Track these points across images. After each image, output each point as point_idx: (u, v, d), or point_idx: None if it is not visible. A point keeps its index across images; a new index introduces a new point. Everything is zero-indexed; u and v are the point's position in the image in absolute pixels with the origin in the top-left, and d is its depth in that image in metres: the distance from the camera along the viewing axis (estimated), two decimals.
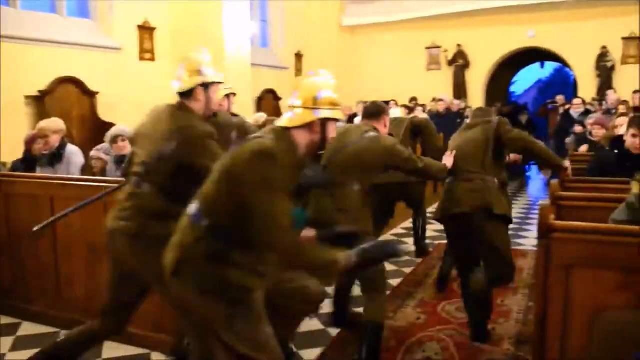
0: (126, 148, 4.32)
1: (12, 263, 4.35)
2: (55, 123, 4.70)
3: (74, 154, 4.69)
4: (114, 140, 4.31)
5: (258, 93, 11.09)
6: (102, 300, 3.81)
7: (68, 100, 6.93)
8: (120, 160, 4.33)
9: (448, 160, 3.63)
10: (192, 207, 2.21)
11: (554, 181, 3.35)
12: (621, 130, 4.43)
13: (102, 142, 6.33)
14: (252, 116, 6.46)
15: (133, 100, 8.05)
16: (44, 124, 4.70)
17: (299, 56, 12.95)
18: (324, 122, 2.21)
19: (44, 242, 4.12)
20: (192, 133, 2.57)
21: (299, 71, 12.80)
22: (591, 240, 2.14)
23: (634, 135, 3.77)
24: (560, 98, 11.22)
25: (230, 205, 2.10)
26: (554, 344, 2.22)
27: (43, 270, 4.19)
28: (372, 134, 3.33)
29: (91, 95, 7.31)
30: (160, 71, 8.91)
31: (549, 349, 2.23)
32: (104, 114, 7.44)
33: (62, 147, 4.69)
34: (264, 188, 2.01)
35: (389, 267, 5.66)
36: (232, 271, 2.12)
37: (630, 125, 3.87)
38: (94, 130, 6.86)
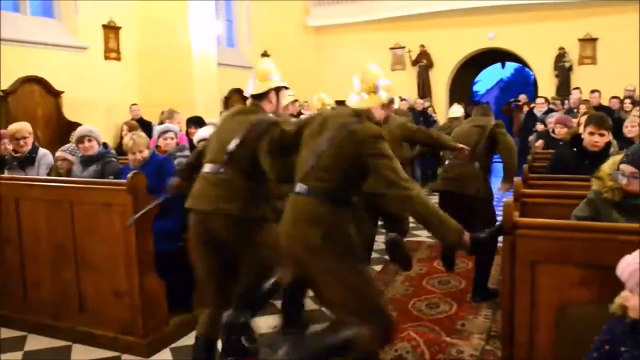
0: (93, 148, 4.26)
1: None
2: (28, 126, 4.64)
3: (45, 156, 4.62)
4: (80, 140, 4.24)
5: (225, 92, 11.05)
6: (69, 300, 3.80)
7: (32, 100, 6.78)
8: (87, 160, 4.27)
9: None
10: (301, 187, 2.57)
11: (517, 179, 3.45)
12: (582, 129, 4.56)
13: (68, 142, 6.22)
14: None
15: (99, 100, 7.93)
16: (19, 126, 4.62)
17: (265, 56, 12.94)
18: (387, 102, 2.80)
19: (9, 245, 4.05)
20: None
21: None
22: (554, 237, 2.23)
23: (590, 133, 3.81)
24: (522, 97, 11.49)
25: (351, 177, 2.58)
26: (521, 338, 2.30)
27: (8, 273, 4.11)
28: None
29: (56, 94, 7.17)
30: (125, 70, 8.81)
31: (517, 343, 2.31)
32: (69, 114, 7.31)
33: (34, 150, 4.61)
34: (386, 157, 2.47)
35: None
36: (352, 231, 2.53)
37: (587, 123, 3.91)
38: (59, 130, 6.75)
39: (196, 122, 5.93)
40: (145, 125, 7.55)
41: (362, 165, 2.52)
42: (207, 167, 3.07)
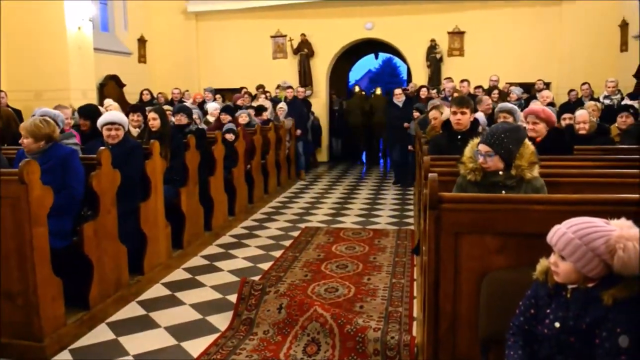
0: None
1: None
2: None
3: None
4: None
5: (100, 79, 10.41)
6: None
7: None
8: None
9: None
10: None
11: (426, 158, 3.63)
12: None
13: None
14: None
15: None
16: None
17: (142, 41, 12.36)
18: None
19: None
20: None
21: (142, 57, 12.23)
22: (476, 209, 2.36)
23: (454, 113, 4.32)
24: (412, 85, 12.01)
25: None
26: (446, 306, 2.41)
27: None
28: None
29: None
30: None
31: (442, 312, 2.42)
32: None
33: None
34: None
35: (257, 251, 5.71)
36: None
37: (450, 105, 4.46)
38: None
39: (87, 113, 5.50)
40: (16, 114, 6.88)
41: None
42: None
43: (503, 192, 2.80)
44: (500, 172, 2.87)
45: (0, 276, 3.32)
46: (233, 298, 4.18)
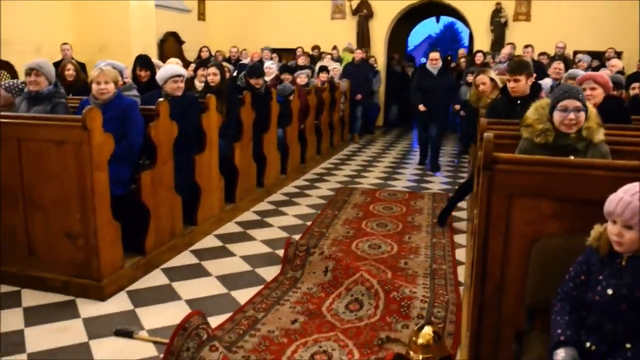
0: (40, 84, 3.97)
1: None
2: None
3: None
4: (28, 72, 3.95)
5: (160, 36, 10.57)
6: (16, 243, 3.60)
7: None
8: (34, 98, 3.98)
9: None
10: None
11: (483, 120, 3.56)
12: None
13: None
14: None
15: (26, 38, 7.41)
16: None
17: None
18: None
19: None
20: None
21: (201, 14, 12.33)
22: (531, 172, 2.30)
23: (508, 80, 4.34)
24: (462, 51, 11.71)
25: None
26: (494, 270, 2.38)
27: None
28: None
29: None
30: (57, 7, 8.23)
31: (489, 276, 2.40)
32: None
33: None
34: None
35: (307, 210, 5.77)
36: None
37: (507, 72, 4.43)
38: None
39: (147, 64, 5.64)
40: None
41: None
42: None
43: (572, 157, 2.71)
44: (572, 134, 2.77)
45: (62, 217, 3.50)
46: (281, 252, 4.28)
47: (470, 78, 8.16)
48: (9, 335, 3.12)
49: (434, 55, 7.79)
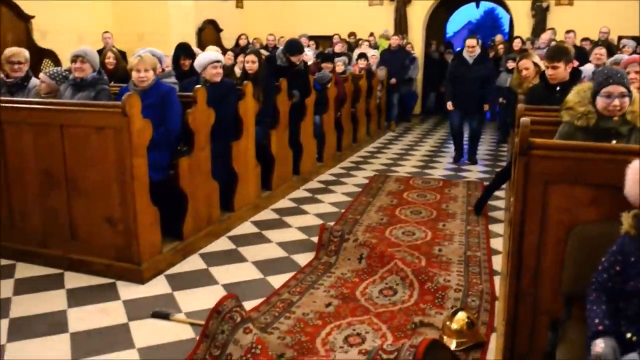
0: (85, 71, 4.07)
1: None
2: (25, 52, 4.42)
3: (36, 85, 4.39)
4: (73, 59, 4.06)
5: (199, 24, 10.67)
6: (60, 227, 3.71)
7: (2, 24, 6.41)
8: (78, 84, 4.09)
9: None
10: None
11: (520, 105, 3.50)
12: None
13: (39, 69, 5.97)
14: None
15: (69, 27, 7.57)
16: (16, 50, 4.39)
17: None
18: None
19: None
20: None
21: (239, 2, 12.38)
22: (568, 157, 2.25)
23: (546, 67, 4.26)
24: (499, 37, 11.46)
25: None
26: (530, 259, 2.35)
27: None
28: None
29: (26, 19, 6.79)
30: None
31: (525, 264, 2.36)
32: (39, 40, 6.96)
33: (27, 78, 4.39)
34: None
35: (343, 198, 5.78)
36: None
37: (545, 59, 4.39)
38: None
39: (187, 52, 5.74)
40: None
41: None
42: None
43: (614, 141, 2.64)
44: (615, 118, 2.70)
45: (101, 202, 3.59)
46: (316, 239, 4.30)
47: (510, 64, 8.01)
48: (53, 315, 3.24)
49: (471, 42, 7.18)
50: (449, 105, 7.39)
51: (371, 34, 11.78)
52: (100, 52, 6.33)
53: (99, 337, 3.01)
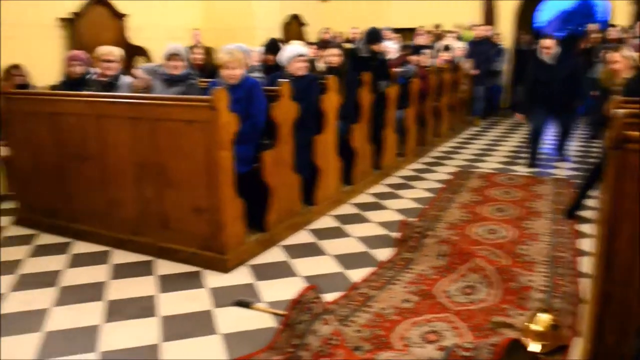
0: (179, 68, 4.27)
1: (60, 183, 4.43)
2: (118, 51, 4.66)
3: (126, 81, 4.63)
4: (170, 57, 4.26)
5: (284, 18, 10.84)
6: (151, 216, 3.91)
7: (98, 23, 6.81)
8: (171, 79, 4.29)
9: None
10: None
11: (615, 97, 3.32)
12: None
13: (131, 65, 6.28)
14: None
15: (161, 24, 7.91)
16: (108, 49, 4.64)
17: None
18: None
19: (92, 163, 4.17)
20: None
21: None
22: None
23: None
24: (593, 26, 10.85)
25: None
26: (621, 259, 2.21)
27: (90, 190, 4.26)
28: None
29: (120, 17, 7.17)
30: None
31: (616, 264, 2.24)
32: (132, 37, 7.33)
33: (117, 77, 4.63)
34: None
35: (424, 194, 5.71)
36: None
37: None
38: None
39: (274, 48, 5.89)
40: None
41: None
42: None
43: None
44: None
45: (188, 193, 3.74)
46: (396, 235, 4.28)
47: (606, 55, 7.57)
48: (143, 299, 3.42)
49: (546, 42, 6.49)
50: (519, 117, 7.14)
51: (456, 26, 11.51)
52: (189, 48, 6.59)
53: (185, 322, 3.15)
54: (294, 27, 11.21)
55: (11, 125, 4.67)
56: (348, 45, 7.22)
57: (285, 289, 3.49)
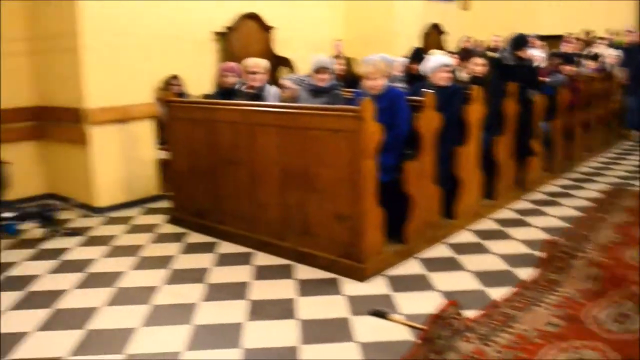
0: (326, 80, 4.40)
1: (211, 186, 4.72)
2: (264, 63, 4.88)
3: (271, 90, 4.83)
4: (319, 70, 4.41)
5: (423, 27, 10.74)
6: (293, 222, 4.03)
7: (249, 36, 7.17)
8: (316, 90, 4.42)
9: None
10: None
11: None
12: None
13: (276, 75, 6.55)
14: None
15: (305, 35, 8.18)
16: (254, 61, 4.88)
17: None
18: None
19: (241, 167, 4.41)
20: None
21: (465, 4, 12.17)
22: None
23: None
24: None
25: None
26: None
27: (239, 194, 4.49)
28: None
29: (268, 30, 7.51)
30: (331, 6, 8.95)
31: None
32: (277, 49, 7.63)
33: (263, 88, 4.84)
34: None
35: (571, 212, 5.36)
36: None
37: None
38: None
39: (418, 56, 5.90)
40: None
41: None
42: None
43: None
44: None
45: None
46: (541, 254, 4.07)
47: None
48: (283, 302, 3.54)
49: None
50: None
51: (609, 32, 10.70)
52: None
53: (323, 327, 3.21)
54: (433, 36, 11.04)
55: (171, 131, 5.07)
56: (491, 54, 6.98)
57: (423, 303, 3.44)
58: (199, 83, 6.30)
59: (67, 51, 5.47)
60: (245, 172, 4.38)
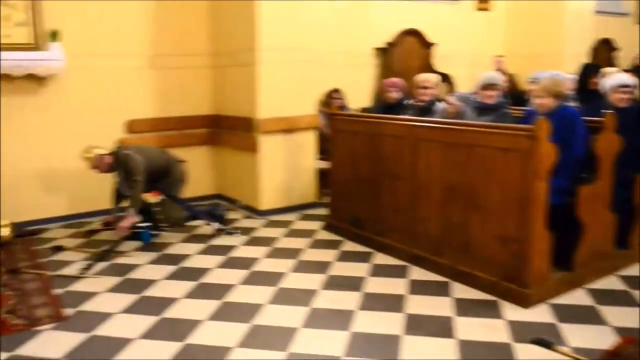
0: (493, 97, 4.31)
1: (371, 197, 4.81)
2: (435, 78, 4.96)
3: (441, 111, 4.82)
4: (486, 87, 4.35)
5: (593, 43, 10.06)
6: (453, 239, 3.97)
7: (409, 52, 7.21)
8: (482, 107, 4.34)
9: None
10: None
11: None
12: None
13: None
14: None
15: (465, 51, 8.05)
16: (425, 76, 4.97)
17: None
18: None
19: (403, 181, 4.44)
20: None
21: None
22: None
23: None
24: None
25: None
26: None
27: (399, 207, 4.52)
28: None
29: (428, 46, 7.49)
30: (492, 21, 8.73)
31: None
32: (437, 64, 7.58)
33: (432, 102, 4.88)
34: None
35: None
36: None
37: None
38: None
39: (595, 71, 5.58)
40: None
41: None
42: None
43: None
44: None
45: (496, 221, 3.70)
46: None
47: None
48: (440, 319, 3.50)
49: None
50: None
51: None
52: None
53: (484, 350, 3.11)
54: (602, 52, 10.29)
55: (334, 142, 5.24)
56: None
57: (592, 337, 3.23)
58: (358, 96, 6.47)
59: (244, 66, 5.90)
60: (406, 185, 4.40)
